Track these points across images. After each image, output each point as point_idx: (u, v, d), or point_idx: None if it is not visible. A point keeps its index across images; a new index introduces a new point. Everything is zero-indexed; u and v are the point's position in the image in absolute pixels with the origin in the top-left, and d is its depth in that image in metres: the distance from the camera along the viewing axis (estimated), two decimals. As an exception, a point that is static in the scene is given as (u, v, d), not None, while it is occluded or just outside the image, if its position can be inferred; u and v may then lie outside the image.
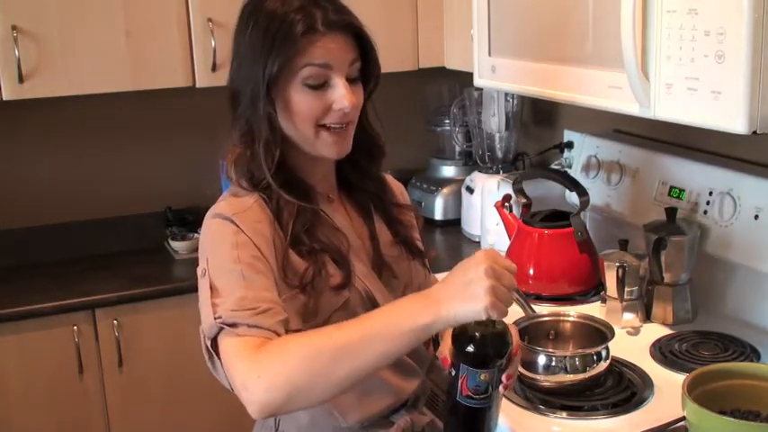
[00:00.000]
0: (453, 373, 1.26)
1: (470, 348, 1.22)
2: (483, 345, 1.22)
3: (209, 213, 1.37)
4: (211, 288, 1.25)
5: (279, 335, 1.21)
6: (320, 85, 1.31)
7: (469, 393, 1.24)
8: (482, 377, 1.23)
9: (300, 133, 1.34)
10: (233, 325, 1.21)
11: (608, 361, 1.59)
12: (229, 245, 1.27)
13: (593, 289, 2.07)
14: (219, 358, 1.25)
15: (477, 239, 2.61)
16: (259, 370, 1.16)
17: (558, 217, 2.12)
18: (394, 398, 1.43)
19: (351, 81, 1.34)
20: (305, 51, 1.29)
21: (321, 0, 1.31)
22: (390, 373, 1.41)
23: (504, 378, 1.28)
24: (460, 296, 1.14)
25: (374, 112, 1.45)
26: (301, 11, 1.29)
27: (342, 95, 1.31)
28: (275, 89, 1.31)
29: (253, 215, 1.31)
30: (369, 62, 1.36)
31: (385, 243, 1.47)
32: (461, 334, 1.23)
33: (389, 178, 1.56)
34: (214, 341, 1.25)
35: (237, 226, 1.28)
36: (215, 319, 1.22)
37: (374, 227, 1.47)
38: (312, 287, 1.32)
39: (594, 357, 1.58)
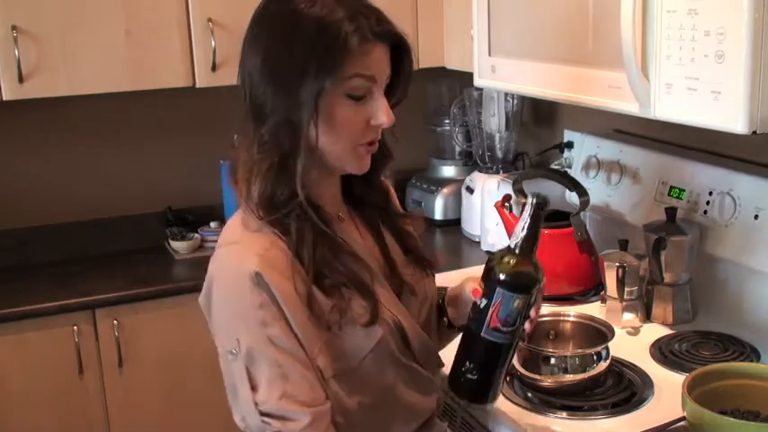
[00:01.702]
0: (484, 304, 1.28)
1: (509, 272, 1.27)
2: (521, 269, 1.27)
3: (224, 266, 1.26)
4: (248, 374, 1.21)
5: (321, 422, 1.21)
6: (361, 97, 1.25)
7: (498, 325, 1.27)
8: (516, 304, 1.27)
9: (337, 146, 1.26)
10: (281, 418, 1.20)
11: (608, 361, 1.59)
12: (258, 323, 1.20)
13: (593, 289, 2.07)
14: None
15: (477, 239, 2.62)
16: None
17: (558, 217, 2.12)
18: (419, 418, 1.40)
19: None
20: (357, 61, 1.22)
21: (364, 9, 1.25)
22: (415, 394, 1.37)
23: (531, 312, 1.30)
24: None
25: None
26: (352, 20, 1.21)
27: (382, 111, 1.25)
28: (319, 100, 1.22)
29: (274, 262, 1.21)
30: (401, 75, 1.30)
31: (400, 261, 1.41)
32: (498, 262, 1.28)
33: (387, 183, 1.49)
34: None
35: (265, 285, 1.19)
36: (260, 414, 1.21)
37: (386, 244, 1.40)
38: (339, 327, 1.25)
39: (594, 357, 1.58)
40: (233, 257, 1.26)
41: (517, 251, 1.29)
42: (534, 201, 1.28)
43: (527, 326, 1.32)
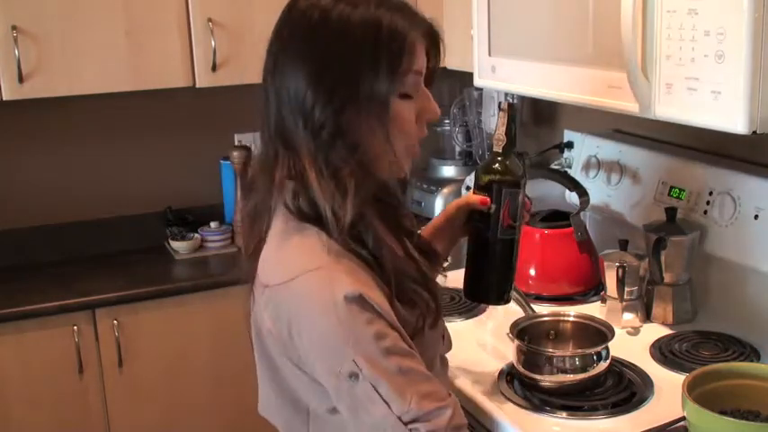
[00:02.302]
0: (494, 209, 1.44)
1: (506, 172, 1.45)
2: (513, 168, 1.46)
3: (310, 297, 1.15)
4: (377, 391, 1.14)
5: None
6: (412, 95, 1.20)
7: (510, 222, 1.45)
8: (519, 197, 1.46)
9: (392, 153, 1.19)
10: (428, 420, 1.15)
11: (608, 361, 1.59)
12: (371, 338, 1.13)
13: (593, 289, 2.07)
14: None
15: (477, 239, 2.61)
16: None
17: (558, 217, 2.12)
18: None
19: None
20: (412, 58, 1.17)
21: (399, 4, 1.19)
22: (444, 382, 1.39)
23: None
24: None
25: None
26: (401, 14, 1.17)
27: (433, 104, 1.22)
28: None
29: (364, 280, 1.15)
30: (433, 66, 1.25)
31: (419, 258, 1.36)
32: (490, 168, 1.46)
33: None
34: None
35: (369, 307, 1.13)
36: (406, 425, 1.14)
37: (406, 243, 1.32)
38: (424, 333, 1.22)
39: (594, 357, 1.58)
40: (322, 282, 1.15)
41: (504, 153, 1.47)
42: (507, 105, 1.47)
43: (525, 216, 1.48)
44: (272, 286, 1.19)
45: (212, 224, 2.79)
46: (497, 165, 1.47)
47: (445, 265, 1.62)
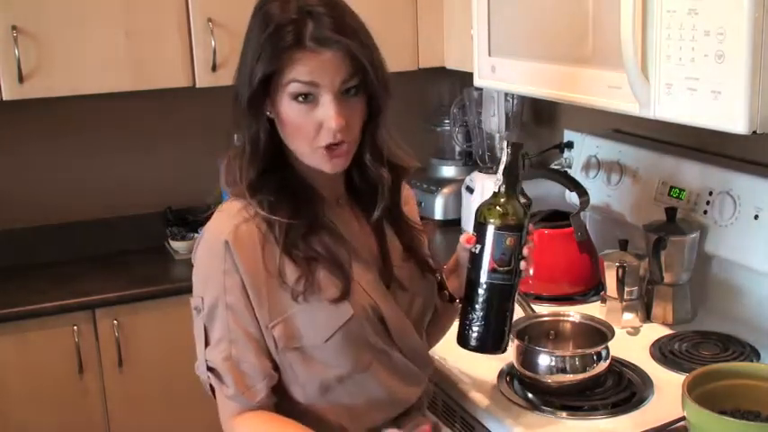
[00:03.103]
0: (478, 250, 1.38)
1: (496, 213, 1.38)
2: (506, 210, 1.38)
3: (207, 227, 1.37)
4: (205, 330, 1.34)
5: (252, 403, 1.32)
6: (309, 101, 1.28)
7: (495, 266, 1.36)
8: (508, 242, 1.37)
9: (296, 146, 1.33)
10: (220, 378, 1.33)
11: (608, 361, 1.59)
12: (220, 286, 1.31)
13: (593, 289, 2.07)
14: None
15: (477, 239, 2.61)
16: None
17: (558, 217, 2.12)
18: (398, 407, 1.44)
19: (346, 98, 1.29)
20: (291, 67, 1.26)
21: (320, 12, 1.26)
22: (396, 381, 1.41)
23: (525, 251, 1.39)
24: None
25: (385, 130, 1.39)
26: (293, 23, 1.25)
27: (329, 115, 1.27)
28: (272, 97, 1.30)
29: (247, 234, 1.31)
30: (368, 80, 1.30)
31: (395, 254, 1.44)
32: (486, 208, 1.39)
33: (407, 191, 1.55)
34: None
35: (231, 257, 1.30)
36: (208, 369, 1.34)
37: (384, 235, 1.43)
38: (305, 299, 1.31)
39: (594, 357, 1.58)
40: (214, 223, 1.36)
41: (501, 193, 1.39)
42: (510, 145, 1.39)
43: (523, 265, 1.40)
44: None
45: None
46: (490, 204, 1.40)
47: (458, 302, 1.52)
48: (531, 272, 1.48)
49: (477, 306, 1.39)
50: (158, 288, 2.50)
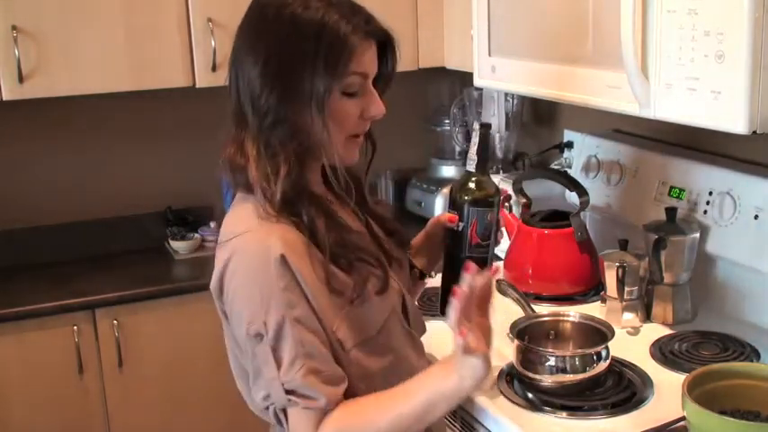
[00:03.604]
0: (462, 227, 1.45)
1: (476, 192, 1.45)
2: (484, 187, 1.46)
3: (247, 247, 1.28)
4: (274, 353, 1.26)
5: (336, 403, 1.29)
6: (355, 93, 1.31)
7: (478, 240, 1.45)
8: (488, 217, 1.46)
9: (332, 140, 1.31)
10: (304, 396, 1.26)
11: (608, 361, 1.59)
12: (284, 304, 1.25)
13: (593, 289, 2.07)
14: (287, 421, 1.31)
15: (477, 239, 2.61)
16: None
17: (558, 217, 2.12)
18: None
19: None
20: (356, 60, 1.28)
21: (354, 8, 1.30)
22: (414, 356, 1.45)
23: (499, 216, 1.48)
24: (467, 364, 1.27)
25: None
26: (347, 19, 1.27)
27: (377, 104, 1.33)
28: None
29: (294, 246, 1.26)
30: (383, 71, 1.36)
31: (384, 240, 1.48)
32: (463, 187, 1.47)
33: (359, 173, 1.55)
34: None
35: (289, 269, 1.25)
36: (286, 392, 1.26)
37: (370, 224, 1.48)
38: (361, 300, 1.32)
39: (594, 357, 1.58)
40: (255, 242, 1.27)
41: (476, 173, 1.47)
42: (480, 126, 1.46)
43: (499, 235, 1.50)
44: (218, 244, 1.34)
45: (212, 224, 2.79)
46: (468, 183, 1.48)
47: (428, 281, 1.64)
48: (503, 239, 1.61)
49: (460, 278, 1.43)
50: (158, 288, 2.50)
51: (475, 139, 1.47)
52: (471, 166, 1.48)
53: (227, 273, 1.29)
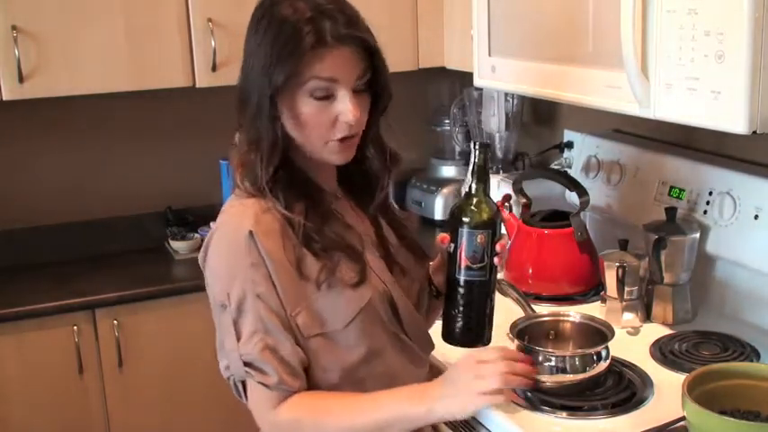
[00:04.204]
0: (453, 249, 1.43)
1: (468, 214, 1.43)
2: (476, 209, 1.43)
3: (223, 222, 1.37)
4: (234, 326, 1.31)
5: (294, 388, 1.32)
6: (326, 97, 1.32)
7: (468, 263, 1.41)
8: (478, 239, 1.41)
9: (308, 141, 1.35)
10: (260, 370, 1.30)
11: (608, 361, 1.59)
12: (248, 280, 1.30)
13: (593, 289, 2.07)
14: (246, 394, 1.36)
15: (477, 239, 2.61)
16: None
17: (558, 217, 2.12)
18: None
19: (357, 92, 1.34)
20: (312, 64, 1.29)
21: (332, 10, 1.30)
22: (406, 364, 1.46)
23: (497, 247, 1.43)
24: (450, 394, 1.32)
25: (386, 123, 1.45)
26: (311, 22, 1.28)
27: (347, 109, 1.32)
28: (283, 96, 1.32)
29: (267, 226, 1.32)
30: (379, 76, 1.36)
31: (393, 245, 1.49)
32: (456, 208, 1.44)
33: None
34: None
35: (255, 247, 1.30)
36: (243, 363, 1.31)
37: (380, 224, 1.49)
38: (328, 286, 1.34)
39: (594, 357, 1.58)
40: (232, 218, 1.35)
41: (472, 193, 1.44)
42: (479, 146, 1.43)
43: (497, 261, 1.44)
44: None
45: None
46: (461, 204, 1.46)
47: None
48: (503, 265, 1.56)
49: (457, 302, 1.44)
50: (158, 288, 2.50)
51: (473, 159, 1.44)
52: (467, 186, 1.46)
53: (210, 247, 1.37)
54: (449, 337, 1.47)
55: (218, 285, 1.34)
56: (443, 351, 1.67)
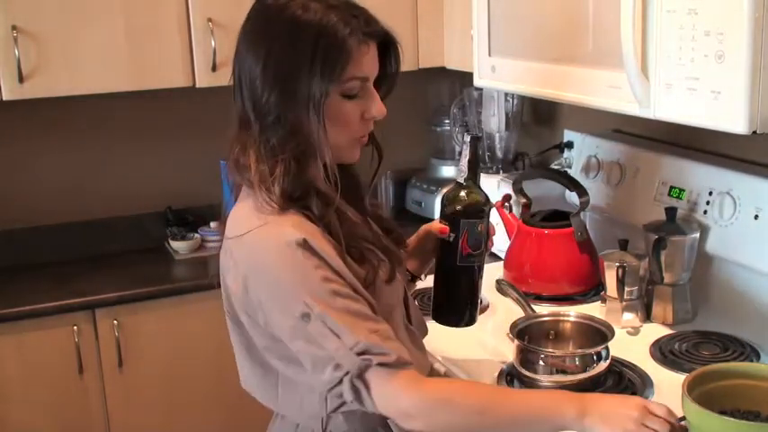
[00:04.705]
0: (453, 238, 1.48)
1: (467, 204, 1.48)
2: (475, 199, 1.50)
3: (262, 240, 1.28)
4: (328, 327, 1.24)
5: (411, 362, 1.28)
6: (355, 96, 1.32)
7: (470, 251, 1.48)
8: (479, 228, 1.48)
9: (337, 141, 1.33)
10: (377, 353, 1.24)
11: (608, 361, 1.59)
12: (320, 280, 1.25)
13: (593, 289, 2.07)
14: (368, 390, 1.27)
15: (477, 239, 2.61)
16: (429, 411, 1.27)
17: (558, 217, 2.12)
18: None
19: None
20: (355, 63, 1.28)
21: (353, 10, 1.30)
22: (416, 352, 1.46)
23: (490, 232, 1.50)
24: (608, 416, 1.26)
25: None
26: (345, 22, 1.27)
27: (379, 105, 1.33)
28: (325, 102, 1.29)
29: (311, 231, 1.28)
30: (387, 71, 1.37)
31: (382, 234, 1.49)
32: (454, 199, 1.50)
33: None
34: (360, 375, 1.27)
35: (311, 250, 1.25)
36: (357, 354, 1.24)
37: (370, 223, 1.48)
38: (372, 289, 1.33)
39: (594, 357, 1.58)
40: (272, 235, 1.27)
41: (466, 184, 1.50)
42: (470, 138, 1.48)
43: (489, 244, 1.53)
44: (228, 239, 1.34)
45: (212, 224, 2.79)
46: (458, 195, 1.50)
47: (418, 283, 1.68)
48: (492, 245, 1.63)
49: (452, 286, 1.51)
50: (158, 288, 2.50)
51: (465, 151, 1.49)
52: (461, 178, 1.51)
53: (252, 271, 1.29)
54: (442, 318, 1.56)
55: (288, 301, 1.26)
56: (444, 351, 1.67)
